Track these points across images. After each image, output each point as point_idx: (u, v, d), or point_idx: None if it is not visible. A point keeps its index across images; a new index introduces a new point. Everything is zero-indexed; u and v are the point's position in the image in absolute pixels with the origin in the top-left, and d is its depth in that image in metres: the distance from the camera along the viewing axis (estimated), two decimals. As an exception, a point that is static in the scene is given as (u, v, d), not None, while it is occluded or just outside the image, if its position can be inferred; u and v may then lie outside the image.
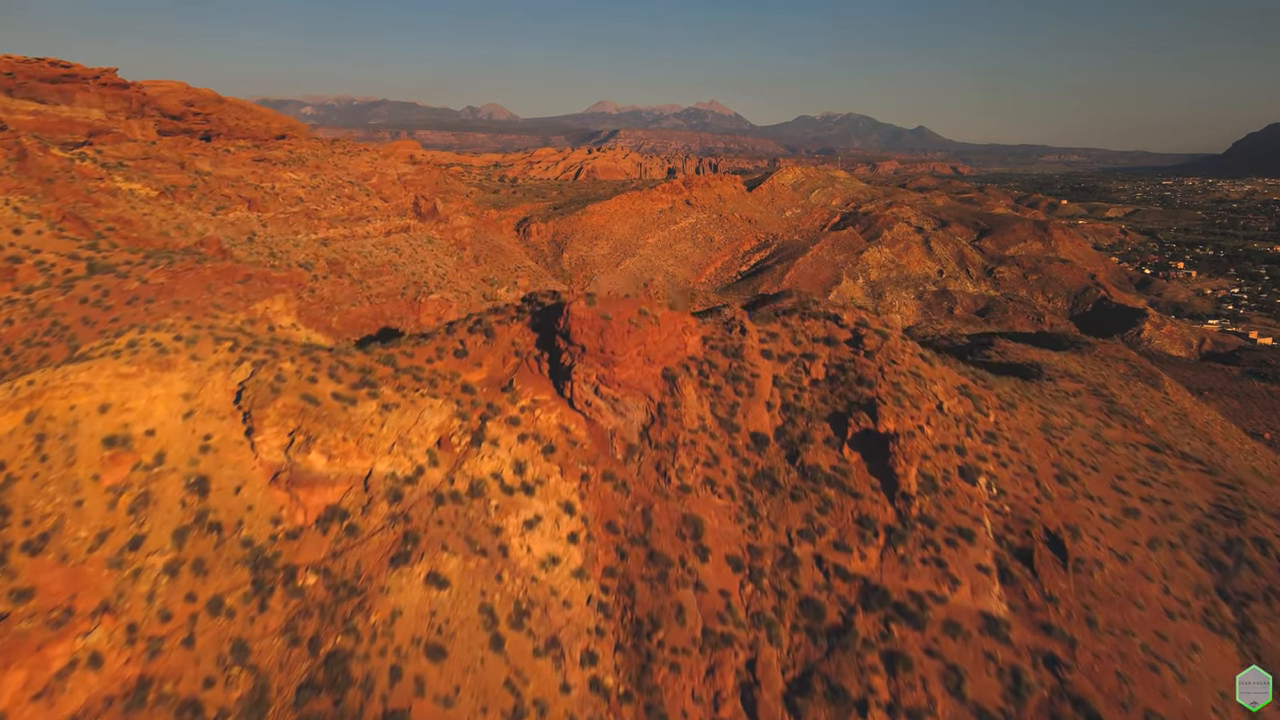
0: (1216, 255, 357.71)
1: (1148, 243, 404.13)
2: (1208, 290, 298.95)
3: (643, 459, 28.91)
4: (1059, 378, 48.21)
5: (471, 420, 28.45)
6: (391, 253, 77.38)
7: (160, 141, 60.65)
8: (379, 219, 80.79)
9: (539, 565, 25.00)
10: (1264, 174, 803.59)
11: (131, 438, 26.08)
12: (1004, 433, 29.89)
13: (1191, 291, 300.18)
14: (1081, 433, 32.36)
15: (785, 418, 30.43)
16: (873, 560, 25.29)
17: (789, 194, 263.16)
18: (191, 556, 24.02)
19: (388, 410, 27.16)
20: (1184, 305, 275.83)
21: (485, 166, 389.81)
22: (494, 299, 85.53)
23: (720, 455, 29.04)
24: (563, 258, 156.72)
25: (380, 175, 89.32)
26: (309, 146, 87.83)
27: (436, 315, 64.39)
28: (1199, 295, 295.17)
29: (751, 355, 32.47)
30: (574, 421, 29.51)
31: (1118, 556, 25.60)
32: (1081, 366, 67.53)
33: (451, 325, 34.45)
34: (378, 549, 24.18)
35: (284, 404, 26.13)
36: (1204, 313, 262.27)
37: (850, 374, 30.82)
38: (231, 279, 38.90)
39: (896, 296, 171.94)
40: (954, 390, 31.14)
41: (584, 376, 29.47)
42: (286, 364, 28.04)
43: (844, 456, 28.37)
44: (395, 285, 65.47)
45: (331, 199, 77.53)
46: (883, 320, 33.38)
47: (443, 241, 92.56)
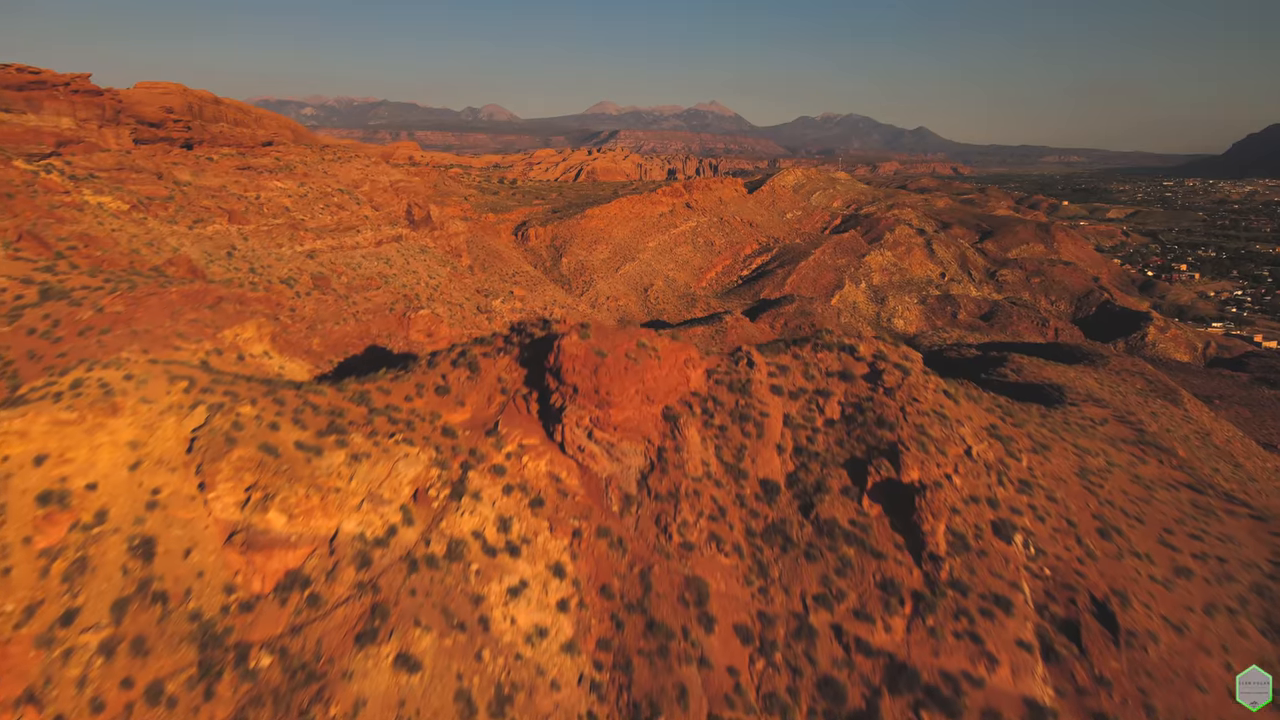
0: (1219, 257, 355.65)
1: (1149, 244, 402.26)
2: (1211, 293, 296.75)
3: (641, 511, 26.15)
4: (1082, 402, 45.48)
5: (452, 469, 25.68)
6: (382, 264, 74.55)
7: (136, 151, 57.78)
8: (369, 229, 77.89)
9: (524, 639, 22.26)
10: (1265, 175, 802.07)
11: (70, 493, 23.33)
12: (1039, 480, 27.15)
13: (1194, 294, 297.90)
14: (1120, 476, 29.62)
15: (798, 463, 27.67)
16: (899, 632, 22.54)
17: (790, 196, 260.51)
18: (131, 633, 21.26)
19: (357, 461, 24.41)
20: (1187, 308, 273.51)
21: (485, 168, 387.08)
22: (488, 310, 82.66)
23: (727, 506, 26.29)
24: (561, 262, 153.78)
25: (372, 182, 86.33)
26: (297, 153, 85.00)
27: (426, 331, 61.64)
28: (1202, 298, 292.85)
29: (760, 391, 29.72)
30: (565, 469, 26.75)
31: (1172, 626, 22.87)
32: (1099, 384, 64.83)
33: (434, 357, 31.68)
34: (342, 624, 21.44)
35: (240, 456, 23.37)
36: (1207, 315, 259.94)
37: (869, 414, 28.07)
38: (200, 303, 36.15)
39: (899, 301, 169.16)
40: (982, 432, 28.40)
41: (576, 419, 26.72)
42: (246, 408, 25.26)
43: (863, 509, 25.62)
44: (383, 300, 62.67)
45: (319, 208, 74.61)
46: (901, 352, 30.68)
47: (437, 250, 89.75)
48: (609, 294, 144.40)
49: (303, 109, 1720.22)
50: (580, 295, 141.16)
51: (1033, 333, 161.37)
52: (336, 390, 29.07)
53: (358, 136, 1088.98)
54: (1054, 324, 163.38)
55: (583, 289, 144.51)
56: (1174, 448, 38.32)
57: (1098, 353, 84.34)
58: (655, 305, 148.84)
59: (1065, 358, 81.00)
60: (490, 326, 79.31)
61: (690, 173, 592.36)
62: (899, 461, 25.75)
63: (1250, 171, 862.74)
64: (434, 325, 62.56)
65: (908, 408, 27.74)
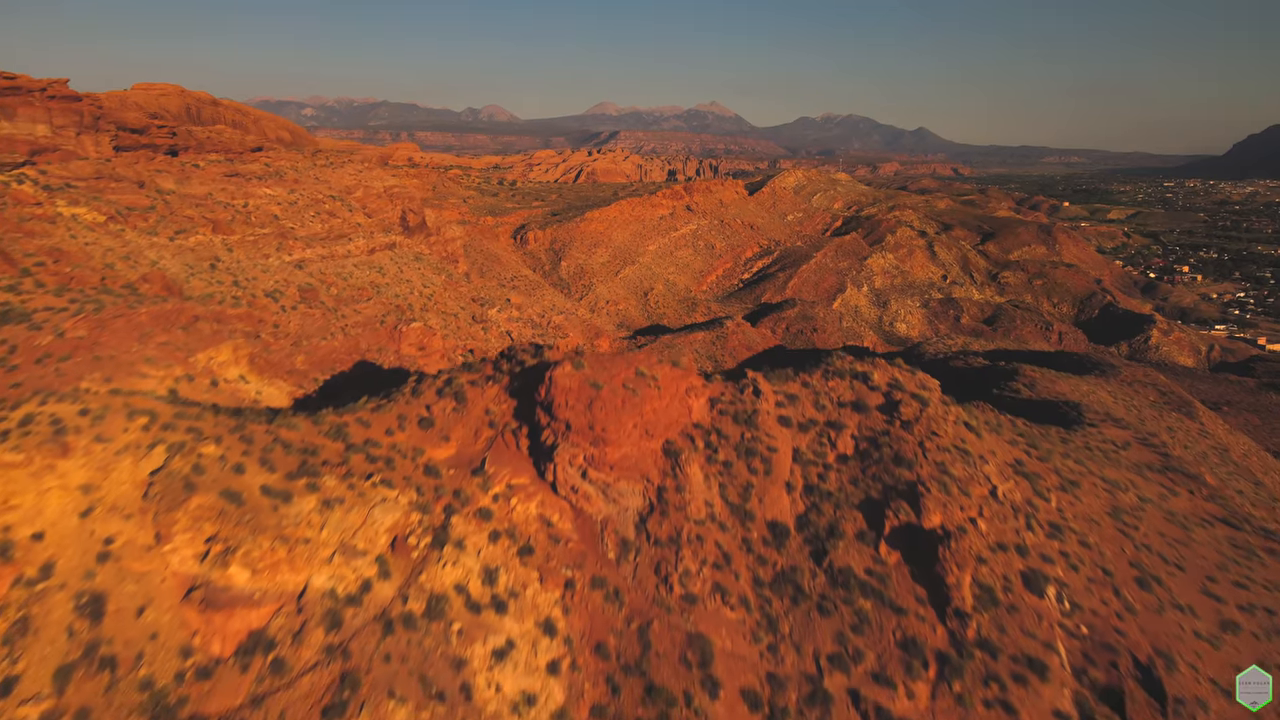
0: (1221, 259, 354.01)
1: (1151, 246, 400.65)
2: (1213, 294, 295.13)
3: (639, 559, 24.08)
4: (1101, 423, 43.43)
5: (434, 513, 23.62)
6: (374, 273, 72.35)
7: (117, 159, 55.50)
8: (361, 236, 75.70)
9: (510, 709, 20.19)
10: (1265, 175, 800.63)
11: (13, 544, 21.27)
12: (1070, 523, 25.08)
13: (1197, 296, 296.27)
14: (1154, 514, 27.56)
15: (808, 503, 25.60)
16: (922, 699, 20.48)
17: (790, 198, 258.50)
18: (75, 704, 19.19)
19: (330, 507, 22.34)
20: (1190, 310, 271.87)
21: (485, 169, 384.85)
22: (484, 320, 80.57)
23: (732, 552, 24.22)
24: (561, 266, 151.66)
25: (365, 188, 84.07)
26: (288, 159, 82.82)
27: (418, 344, 59.52)
28: (1205, 300, 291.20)
29: (767, 423, 27.67)
30: (557, 511, 24.69)
31: (1221, 691, 20.82)
32: (1113, 397, 62.79)
33: (419, 385, 29.61)
34: (308, 695, 19.39)
35: (199, 505, 21.30)
36: (1210, 318, 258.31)
37: (885, 450, 26.01)
38: (172, 324, 34.08)
39: (901, 305, 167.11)
40: (1007, 468, 26.34)
41: (569, 458, 24.65)
42: (209, 448, 23.19)
43: (881, 556, 23.56)
44: (374, 313, 60.55)
45: (310, 216, 72.42)
46: (918, 380, 28.64)
47: (432, 257, 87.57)
48: (609, 298, 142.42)
49: (303, 109, 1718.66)
50: (580, 299, 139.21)
51: (1037, 337, 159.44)
52: (312, 423, 27.02)
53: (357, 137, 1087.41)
54: (1058, 328, 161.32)
55: (582, 293, 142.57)
56: (1202, 474, 36.26)
57: (1107, 362, 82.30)
58: (655, 309, 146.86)
59: (1075, 368, 78.98)
60: (485, 337, 77.27)
61: (690, 173, 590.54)
62: (919, 504, 23.70)
63: (1251, 172, 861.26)
64: (426, 338, 60.45)
65: (927, 443, 25.68)
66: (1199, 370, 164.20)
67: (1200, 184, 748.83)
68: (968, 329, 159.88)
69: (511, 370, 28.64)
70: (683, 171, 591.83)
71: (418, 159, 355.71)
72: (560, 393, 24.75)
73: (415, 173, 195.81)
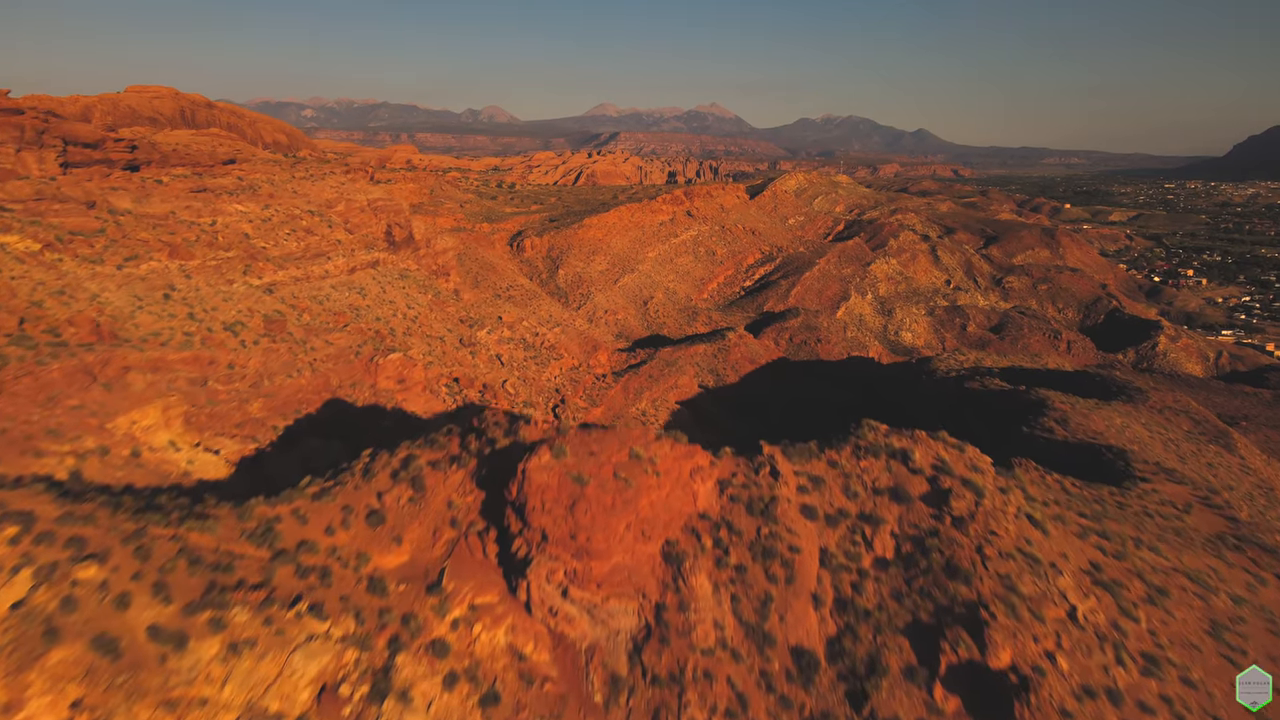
0: (1224, 262, 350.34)
1: (1154, 248, 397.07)
2: (1218, 299, 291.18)
3: (634, 701, 19.24)
4: (1154, 476, 38.67)
5: (375, 649, 18.78)
6: (354, 294, 67.33)
7: (64, 177, 50.58)
8: (341, 255, 70.66)
9: None
10: (1266, 177, 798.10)
11: None
12: (1166, 649, 20.26)
13: (1202, 300, 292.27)
14: (1257, 627, 22.77)
15: (841, 623, 20.78)
16: None
17: (792, 201, 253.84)
18: None
19: (237, 653, 17.50)
20: (1195, 315, 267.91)
21: (484, 171, 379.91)
22: (472, 343, 75.69)
23: (748, 692, 19.39)
24: (558, 274, 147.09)
25: (347, 202, 79.01)
26: (264, 171, 77.79)
27: (397, 377, 54.53)
28: (1210, 304, 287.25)
29: (788, 515, 22.83)
30: (532, 639, 19.84)
31: None
32: (1147, 431, 58.06)
33: (371, 464, 24.74)
34: None
35: (61, 660, 16.43)
36: (1216, 323, 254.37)
37: (934, 556, 21.18)
38: (94, 380, 29.26)
39: (907, 313, 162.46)
40: (1084, 577, 21.51)
41: (547, 573, 19.82)
42: (89, 570, 18.33)
43: (936, 703, 18.73)
44: (348, 343, 55.52)
45: (285, 234, 67.34)
46: (968, 459, 23.85)
47: (420, 273, 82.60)
48: (607, 307, 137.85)
49: (303, 111, 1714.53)
50: (578, 308, 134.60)
51: (1045, 346, 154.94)
52: (236, 518, 22.20)
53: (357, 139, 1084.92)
54: (1066, 336, 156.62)
55: (580, 302, 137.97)
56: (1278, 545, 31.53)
57: (1134, 386, 77.56)
58: (655, 319, 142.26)
59: (1101, 392, 74.29)
60: (473, 362, 72.37)
61: (691, 175, 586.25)
62: (982, 635, 18.89)
63: (1251, 174, 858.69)
64: (406, 369, 55.45)
65: (986, 548, 20.87)
66: (1211, 381, 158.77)
67: (1201, 185, 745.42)
68: (974, 338, 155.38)
69: (481, 450, 23.77)
70: (683, 173, 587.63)
71: (416, 161, 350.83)
72: (535, 493, 19.91)
73: (412, 176, 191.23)
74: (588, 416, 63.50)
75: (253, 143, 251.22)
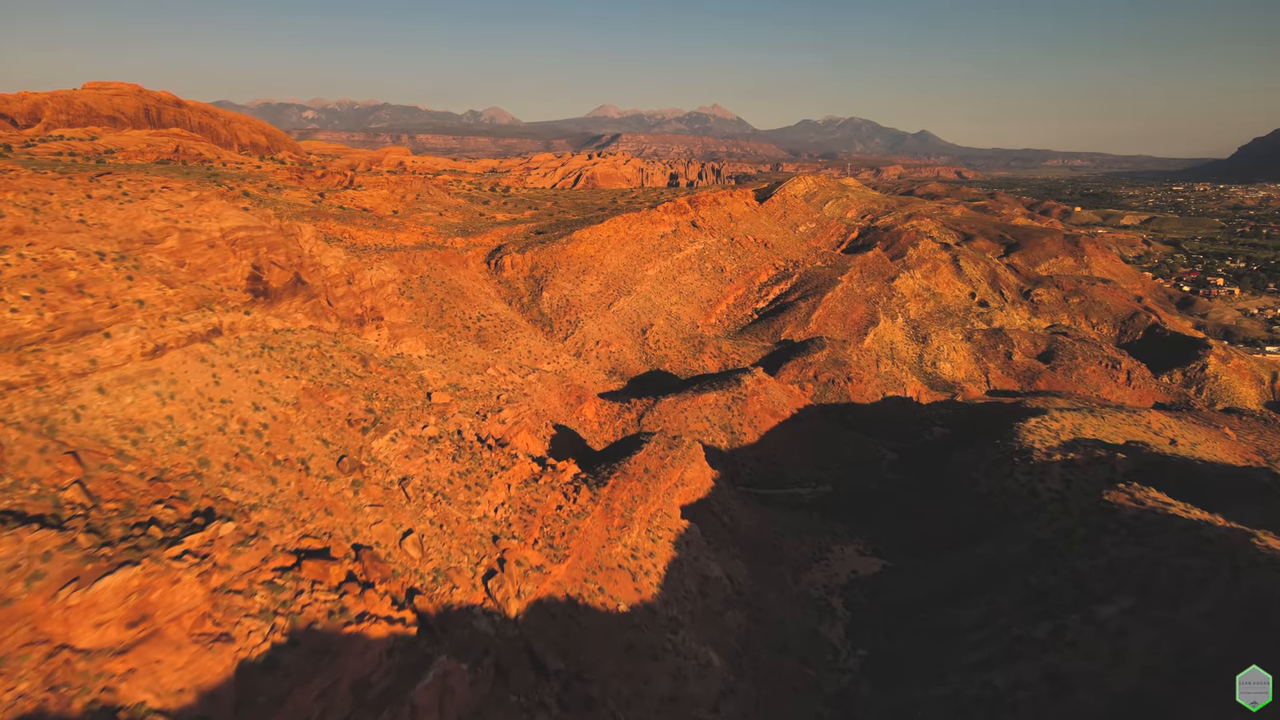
0: (1249, 268, 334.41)
1: (1174, 254, 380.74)
2: (1254, 310, 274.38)
3: None
4: None
5: None
6: (150, 398, 29.62)
7: None
8: (135, 327, 35.82)
9: None
10: (1273, 179, 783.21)
11: None
12: None
13: (1237, 311, 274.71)
14: None
15: None
16: None
17: (802, 207, 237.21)
18: None
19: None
20: (1234, 329, 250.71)
21: (480, 173, 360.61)
22: (358, 466, 36.05)
23: None
24: (542, 298, 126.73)
25: (183, 234, 46.05)
26: (29, 184, 42.51)
27: (126, 619, 19.86)
28: (1246, 316, 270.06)
29: None
30: None
31: None
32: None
33: None
34: None
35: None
36: (1258, 337, 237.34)
37: None
38: None
39: (943, 339, 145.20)
40: None
41: None
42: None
43: None
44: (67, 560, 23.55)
45: (19, 297, 32.59)
46: None
47: (302, 339, 47.92)
48: (599, 337, 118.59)
49: (304, 112, 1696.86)
50: (564, 339, 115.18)
51: (1102, 377, 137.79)
52: None
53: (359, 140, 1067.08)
54: (1125, 365, 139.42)
55: (567, 331, 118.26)
56: None
57: (1271, 474, 59.73)
58: (655, 351, 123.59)
59: (1239, 490, 56.07)
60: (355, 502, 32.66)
61: (693, 177, 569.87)
62: None
63: (1257, 175, 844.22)
64: (151, 597, 21.50)
65: None
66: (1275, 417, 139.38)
67: (1211, 188, 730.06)
68: (1021, 368, 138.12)
69: None
70: (684, 175, 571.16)
71: (409, 163, 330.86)
72: None
73: (391, 181, 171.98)
74: (546, 582, 39.33)
75: (226, 144, 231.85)
